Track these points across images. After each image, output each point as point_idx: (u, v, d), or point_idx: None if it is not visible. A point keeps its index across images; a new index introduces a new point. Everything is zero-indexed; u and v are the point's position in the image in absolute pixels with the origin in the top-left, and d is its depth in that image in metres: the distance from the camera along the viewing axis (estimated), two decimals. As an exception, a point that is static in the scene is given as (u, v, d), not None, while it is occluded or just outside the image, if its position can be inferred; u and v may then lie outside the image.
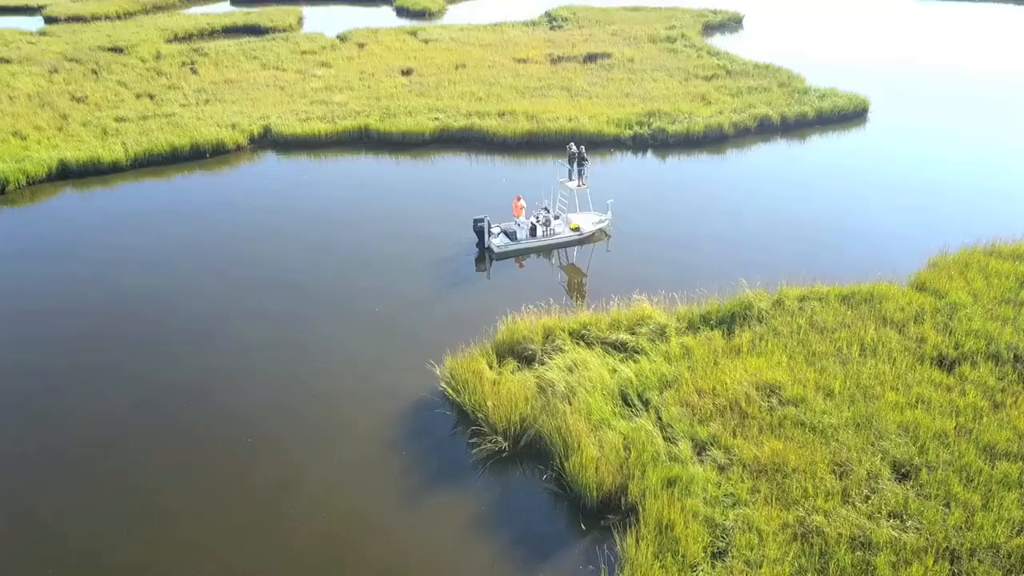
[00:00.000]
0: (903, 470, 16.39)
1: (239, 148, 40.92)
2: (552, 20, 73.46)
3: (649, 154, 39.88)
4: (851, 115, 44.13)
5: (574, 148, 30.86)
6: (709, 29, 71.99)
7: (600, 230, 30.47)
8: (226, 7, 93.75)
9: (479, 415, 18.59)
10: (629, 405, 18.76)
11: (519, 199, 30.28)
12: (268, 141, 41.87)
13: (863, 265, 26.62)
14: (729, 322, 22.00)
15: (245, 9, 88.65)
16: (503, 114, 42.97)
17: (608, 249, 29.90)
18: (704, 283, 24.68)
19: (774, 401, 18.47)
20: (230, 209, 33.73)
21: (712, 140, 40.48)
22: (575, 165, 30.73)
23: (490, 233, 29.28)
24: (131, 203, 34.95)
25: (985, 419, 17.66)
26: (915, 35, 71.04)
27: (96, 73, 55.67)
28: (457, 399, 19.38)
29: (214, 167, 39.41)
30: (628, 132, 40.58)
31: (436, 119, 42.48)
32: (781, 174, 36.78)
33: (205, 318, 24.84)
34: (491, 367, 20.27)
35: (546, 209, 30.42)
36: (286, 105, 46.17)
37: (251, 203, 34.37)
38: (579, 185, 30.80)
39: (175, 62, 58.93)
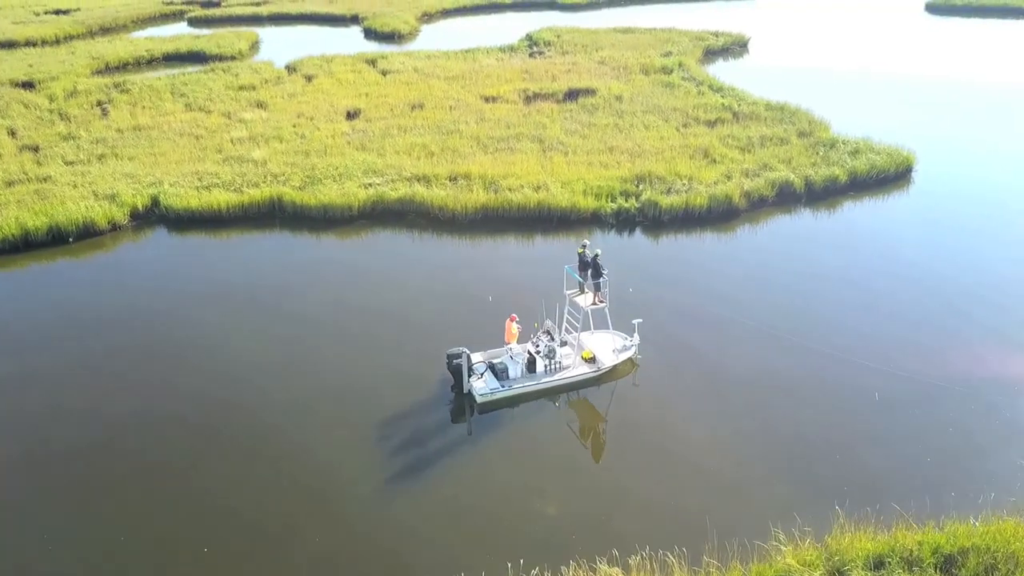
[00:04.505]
0: None
1: (116, 228, 32.10)
2: (533, 45, 64.71)
3: (638, 234, 31.06)
4: (892, 177, 35.17)
5: (588, 251, 22.03)
6: (710, 54, 63.19)
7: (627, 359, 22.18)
8: (179, 28, 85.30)
9: None
10: None
11: (512, 320, 21.82)
12: (157, 216, 33.10)
13: (947, 439, 18.04)
14: (757, 622, 13.21)
15: (196, 32, 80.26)
16: (455, 178, 34.16)
17: (636, 383, 21.65)
18: (711, 492, 16.00)
19: None
20: (69, 332, 24.87)
21: (719, 215, 31.47)
22: (589, 275, 21.89)
23: (471, 372, 20.94)
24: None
25: None
26: (938, 54, 62.06)
27: (-11, 116, 47.11)
28: None
29: (80, 253, 30.76)
30: (611, 206, 31.64)
31: (369, 186, 33.71)
32: (809, 268, 27.81)
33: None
34: None
35: (548, 333, 22.15)
36: (192, 164, 37.33)
37: (104, 318, 25.55)
38: (594, 302, 22.12)
39: (89, 100, 50.47)
